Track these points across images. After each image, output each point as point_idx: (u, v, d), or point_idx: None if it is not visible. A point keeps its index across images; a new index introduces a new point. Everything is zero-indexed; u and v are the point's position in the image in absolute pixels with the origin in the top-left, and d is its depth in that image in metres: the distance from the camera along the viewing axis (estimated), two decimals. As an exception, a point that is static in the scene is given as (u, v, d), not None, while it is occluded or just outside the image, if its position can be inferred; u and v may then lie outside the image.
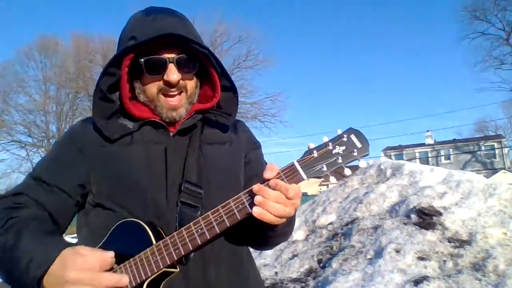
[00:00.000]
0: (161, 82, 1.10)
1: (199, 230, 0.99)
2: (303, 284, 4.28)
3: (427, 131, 37.57)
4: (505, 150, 34.76)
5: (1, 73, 26.89)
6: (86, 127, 1.17)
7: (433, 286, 3.40)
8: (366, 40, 76.36)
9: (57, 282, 0.91)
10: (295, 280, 4.43)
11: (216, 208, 0.99)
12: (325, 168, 0.97)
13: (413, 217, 4.46)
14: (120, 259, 1.00)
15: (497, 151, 34.52)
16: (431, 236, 4.10)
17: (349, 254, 4.30)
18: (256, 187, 0.96)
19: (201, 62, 1.15)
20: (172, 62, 1.09)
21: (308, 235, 5.32)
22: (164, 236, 1.02)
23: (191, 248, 0.99)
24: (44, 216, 1.07)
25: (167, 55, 1.09)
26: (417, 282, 3.46)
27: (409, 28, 78.24)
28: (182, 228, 1.00)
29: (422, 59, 76.07)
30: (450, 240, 4.02)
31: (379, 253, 4.03)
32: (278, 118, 27.37)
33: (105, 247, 1.02)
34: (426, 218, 4.38)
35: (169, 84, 1.10)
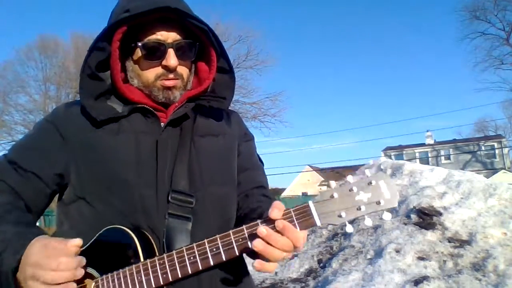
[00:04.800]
0: (159, 68, 1.04)
1: (192, 258, 0.90)
2: (303, 284, 4.29)
3: (427, 131, 37.56)
4: (505, 150, 34.76)
5: (1, 73, 26.87)
6: (71, 110, 1.09)
7: (433, 286, 3.40)
8: (367, 39, 76.46)
9: (26, 272, 0.85)
10: (295, 280, 4.43)
11: (214, 237, 0.91)
12: (343, 215, 0.85)
13: (413, 217, 4.46)
14: (103, 269, 0.95)
15: (497, 151, 34.52)
16: (431, 236, 4.10)
17: (349, 254, 4.30)
18: (263, 230, 0.85)
19: (199, 41, 1.08)
20: (172, 47, 1.03)
21: (308, 235, 5.31)
22: (155, 251, 0.94)
23: (180, 276, 0.90)
24: (20, 206, 1.00)
25: (165, 34, 1.03)
26: (417, 282, 3.46)
27: (409, 28, 78.34)
28: (173, 252, 0.92)
29: (422, 59, 76.14)
30: (450, 240, 4.02)
31: (379, 253, 4.02)
32: (278, 118, 27.32)
33: (90, 252, 0.96)
34: (426, 218, 4.38)
35: (167, 69, 1.03)
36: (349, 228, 0.87)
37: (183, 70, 1.07)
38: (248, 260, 1.21)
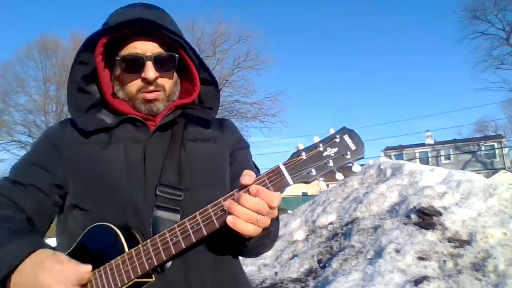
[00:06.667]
0: (139, 81, 1.06)
1: (174, 238, 0.91)
2: (303, 284, 4.29)
3: (427, 131, 37.56)
4: (505, 150, 34.74)
5: (1, 73, 26.89)
6: (64, 127, 1.13)
7: (433, 286, 3.40)
8: (367, 40, 76.42)
9: (27, 284, 0.85)
10: (295, 280, 4.43)
11: (193, 214, 0.92)
12: (314, 172, 0.88)
13: (413, 217, 4.46)
14: (93, 266, 0.93)
15: (497, 151, 34.51)
16: (431, 236, 4.10)
17: (349, 254, 4.30)
18: (236, 194, 0.88)
19: (180, 55, 1.10)
20: (150, 60, 1.05)
21: (308, 235, 5.32)
22: (140, 242, 0.94)
23: (165, 258, 0.91)
24: (20, 218, 1.00)
25: (143, 47, 1.06)
26: (417, 282, 3.46)
27: (409, 28, 78.32)
28: (156, 236, 0.93)
29: (422, 59, 76.12)
30: (450, 240, 4.02)
31: (379, 253, 4.03)
32: (278, 118, 27.32)
33: (76, 252, 0.96)
34: (426, 218, 4.38)
35: (146, 81, 1.06)
36: (322, 185, 0.90)
37: (164, 82, 1.09)
38: (248, 261, 1.20)
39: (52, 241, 1.11)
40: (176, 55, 1.09)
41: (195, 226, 0.91)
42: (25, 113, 27.60)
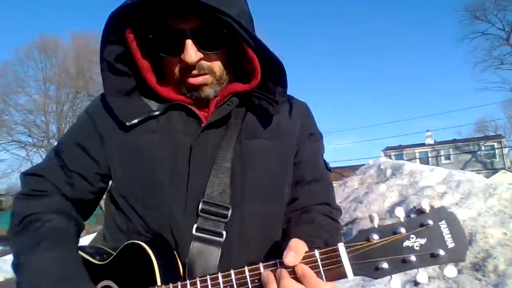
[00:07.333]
0: (180, 63, 0.89)
1: None
2: (303, 284, 4.29)
3: (427, 131, 37.56)
4: (505, 150, 34.74)
5: (1, 73, 26.90)
6: (105, 106, 0.98)
7: (433, 286, 3.39)
8: (367, 39, 76.42)
9: None
10: (295, 280, 4.43)
11: (228, 272, 0.75)
12: (385, 267, 0.65)
13: (413, 217, 4.46)
14: (123, 286, 0.89)
15: (497, 151, 34.50)
16: (431, 236, 4.10)
17: (349, 254, 4.30)
18: (279, 272, 0.69)
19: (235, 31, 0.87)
20: (190, 38, 0.84)
21: (308, 235, 5.32)
22: (179, 272, 0.84)
23: None
24: (64, 211, 0.93)
25: (182, 21, 0.85)
26: (417, 282, 3.45)
27: (409, 28, 78.33)
28: (187, 281, 0.78)
29: (422, 58, 76.13)
30: (450, 240, 4.02)
31: (379, 253, 4.03)
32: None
33: (110, 266, 0.91)
34: (426, 218, 4.38)
35: (187, 65, 0.87)
36: (394, 285, 0.66)
37: (212, 63, 0.90)
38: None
39: (88, 238, 1.08)
40: (224, 30, 0.87)
41: (228, 286, 0.74)
42: (25, 113, 27.61)
